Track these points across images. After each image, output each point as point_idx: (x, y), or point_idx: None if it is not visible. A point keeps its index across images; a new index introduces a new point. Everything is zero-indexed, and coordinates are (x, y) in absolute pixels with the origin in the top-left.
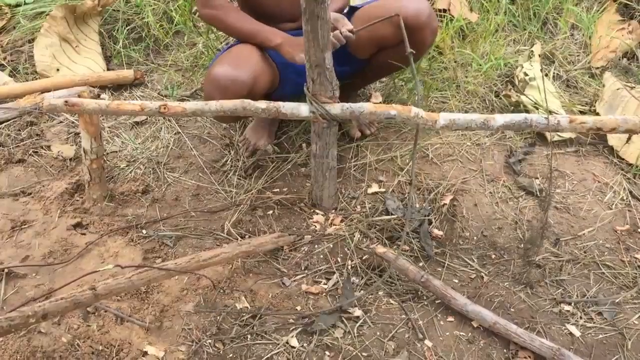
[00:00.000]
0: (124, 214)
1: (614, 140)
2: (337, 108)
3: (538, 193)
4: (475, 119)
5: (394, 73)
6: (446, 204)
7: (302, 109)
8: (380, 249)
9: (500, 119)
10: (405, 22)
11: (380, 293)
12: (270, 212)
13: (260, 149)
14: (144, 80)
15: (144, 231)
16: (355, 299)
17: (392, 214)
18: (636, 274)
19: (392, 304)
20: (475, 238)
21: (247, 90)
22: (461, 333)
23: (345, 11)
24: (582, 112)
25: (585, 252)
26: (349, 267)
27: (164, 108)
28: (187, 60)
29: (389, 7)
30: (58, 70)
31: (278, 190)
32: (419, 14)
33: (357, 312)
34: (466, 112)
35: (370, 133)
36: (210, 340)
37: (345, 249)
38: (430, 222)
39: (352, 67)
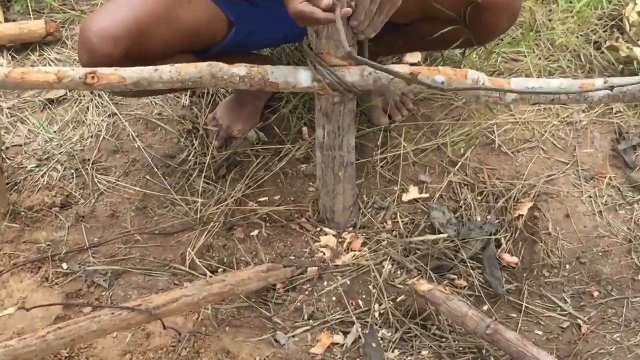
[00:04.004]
0: (33, 240)
1: None
2: (354, 73)
3: None
4: (566, 86)
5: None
6: (522, 215)
7: (301, 76)
8: (423, 286)
9: (603, 84)
10: None
11: (424, 353)
12: (256, 232)
13: (238, 136)
14: (61, 36)
15: (64, 265)
16: None
17: (440, 232)
18: None
19: None
20: (567, 266)
21: (123, 50)
22: None
23: None
24: None
25: None
26: (376, 314)
27: (92, 77)
28: None
29: None
30: None
31: (266, 199)
32: None
33: None
34: (551, 74)
35: (403, 117)
36: None
37: (370, 287)
38: (498, 244)
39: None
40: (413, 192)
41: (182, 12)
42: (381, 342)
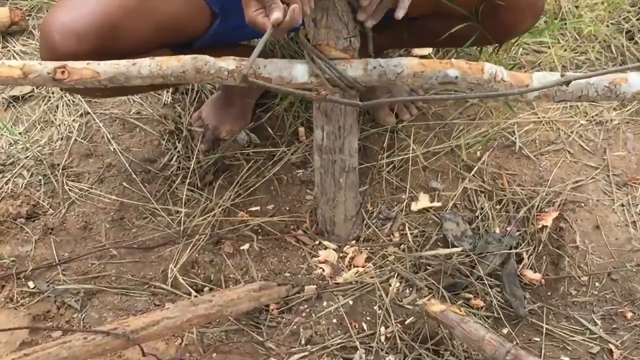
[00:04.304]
0: None
1: None
2: (357, 67)
3: None
4: (594, 82)
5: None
6: (547, 226)
7: (297, 70)
8: (435, 306)
9: (637, 80)
10: None
11: None
12: (247, 246)
13: (226, 138)
14: (27, 26)
15: (30, 283)
16: None
17: (454, 246)
18: None
19: None
20: (597, 284)
21: (89, 47)
22: None
23: None
24: None
25: None
26: (382, 338)
27: (62, 72)
28: None
29: None
30: None
31: (258, 208)
32: None
33: None
34: (578, 68)
35: (412, 116)
36: None
37: (375, 308)
38: (520, 259)
39: (385, 19)
40: (423, 201)
41: (160, 3)
42: None
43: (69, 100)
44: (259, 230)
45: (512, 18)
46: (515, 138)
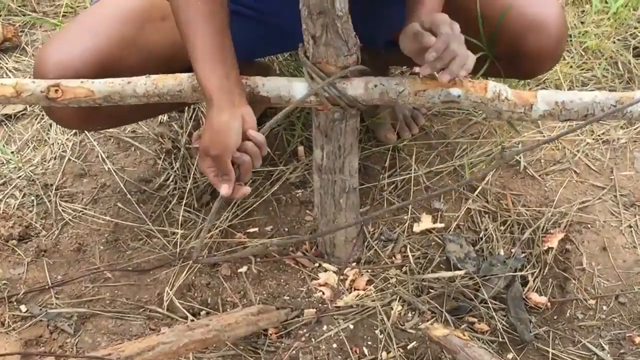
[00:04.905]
0: None
1: None
2: (357, 86)
3: None
4: (601, 100)
5: None
6: (552, 248)
7: (296, 89)
8: (438, 331)
9: None
10: (514, 32)
11: None
12: (244, 268)
13: None
14: (20, 42)
15: (22, 307)
16: None
17: (457, 269)
18: None
19: None
20: (604, 308)
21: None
22: None
23: None
24: None
25: None
26: None
27: (55, 91)
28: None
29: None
30: None
31: (257, 230)
32: (543, 31)
33: None
34: (584, 85)
35: (414, 135)
36: None
37: (377, 332)
38: (525, 282)
39: (386, 35)
40: (426, 222)
41: (156, 34)
42: None
43: None
44: (257, 253)
45: (531, 66)
46: (520, 157)
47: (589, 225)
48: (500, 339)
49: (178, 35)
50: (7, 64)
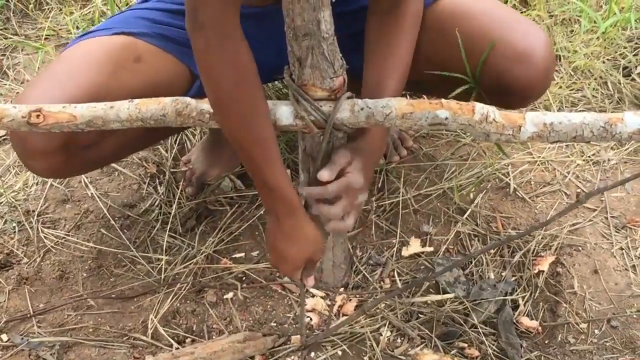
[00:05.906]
0: None
1: None
2: (344, 108)
3: None
4: (589, 122)
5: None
6: (543, 271)
7: (281, 112)
8: (428, 357)
9: (633, 119)
10: (500, 65)
11: None
12: (230, 295)
13: (212, 182)
14: (1, 66)
15: (3, 336)
16: None
17: (447, 293)
18: None
19: None
20: (596, 332)
21: (59, 141)
22: None
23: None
24: None
25: None
26: None
27: (37, 116)
28: (79, 27)
29: (487, 31)
30: None
31: (243, 255)
32: (530, 63)
33: None
34: (574, 105)
35: (402, 157)
36: None
37: (365, 358)
38: (516, 306)
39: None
40: (415, 246)
41: (131, 77)
42: None
43: None
44: (243, 278)
45: (519, 98)
46: (510, 179)
47: (580, 248)
48: None
49: (153, 76)
50: None
